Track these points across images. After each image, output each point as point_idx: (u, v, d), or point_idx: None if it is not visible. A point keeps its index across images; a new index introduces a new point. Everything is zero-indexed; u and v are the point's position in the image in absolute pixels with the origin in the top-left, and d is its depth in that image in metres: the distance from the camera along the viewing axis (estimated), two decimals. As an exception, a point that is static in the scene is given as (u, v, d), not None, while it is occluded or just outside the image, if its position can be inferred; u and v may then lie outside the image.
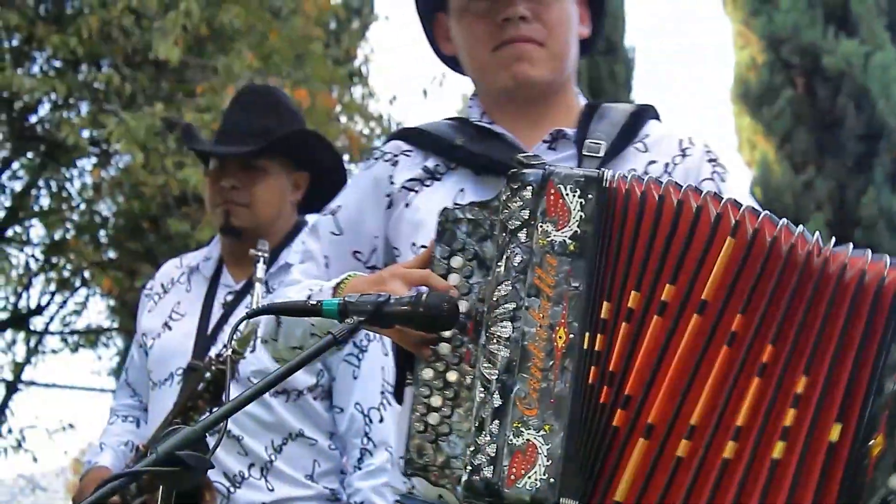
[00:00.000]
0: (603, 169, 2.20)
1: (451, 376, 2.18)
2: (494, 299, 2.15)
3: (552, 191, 2.15)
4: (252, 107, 3.98)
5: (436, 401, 2.19)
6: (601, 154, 2.52)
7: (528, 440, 2.08)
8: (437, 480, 2.19)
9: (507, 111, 2.66)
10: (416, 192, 2.62)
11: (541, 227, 2.14)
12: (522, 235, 2.15)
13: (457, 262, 2.23)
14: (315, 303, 2.19)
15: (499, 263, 2.17)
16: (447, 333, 2.20)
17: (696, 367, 2.06)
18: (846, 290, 2.02)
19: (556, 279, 2.12)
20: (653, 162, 2.57)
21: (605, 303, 2.11)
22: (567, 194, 2.14)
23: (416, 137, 2.70)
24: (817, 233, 2.10)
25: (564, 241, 2.13)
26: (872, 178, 15.96)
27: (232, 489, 3.69)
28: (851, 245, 2.10)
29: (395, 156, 2.70)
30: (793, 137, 16.54)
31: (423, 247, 2.38)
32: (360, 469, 3.77)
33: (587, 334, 2.11)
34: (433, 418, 2.19)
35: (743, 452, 2.04)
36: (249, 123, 3.91)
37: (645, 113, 2.66)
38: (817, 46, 16.47)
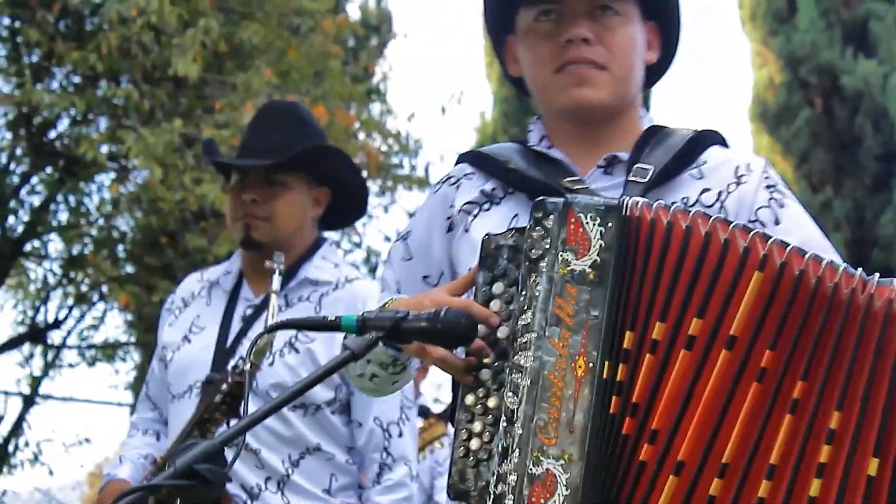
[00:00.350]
0: (624, 197, 2.17)
1: (492, 402, 2.17)
2: (517, 329, 2.15)
3: (573, 220, 2.13)
4: (274, 122, 3.99)
5: (477, 426, 2.18)
6: (646, 180, 2.49)
7: (547, 469, 2.07)
8: None
9: (568, 133, 2.65)
10: (475, 215, 2.62)
11: (561, 255, 2.12)
12: (544, 264, 2.13)
13: (498, 288, 2.21)
14: (334, 318, 2.20)
15: (522, 292, 2.16)
16: (487, 360, 2.20)
17: (727, 404, 2.03)
18: (875, 320, 1.99)
19: (576, 308, 2.10)
20: (706, 190, 2.53)
21: (628, 332, 2.09)
22: (587, 223, 2.12)
23: (478, 160, 2.70)
24: (844, 264, 2.06)
25: (584, 269, 2.11)
26: (890, 199, 15.95)
27: (249, 502, 3.70)
28: (878, 274, 2.05)
29: (458, 179, 2.70)
30: (810, 157, 16.54)
31: None
32: (379, 484, 3.78)
33: (607, 363, 2.09)
34: (474, 443, 2.18)
35: (778, 491, 2.01)
36: (271, 138, 3.91)
37: (706, 138, 2.62)
38: (836, 66, 16.48)
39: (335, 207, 4.06)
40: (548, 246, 2.14)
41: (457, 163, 2.77)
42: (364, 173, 11.84)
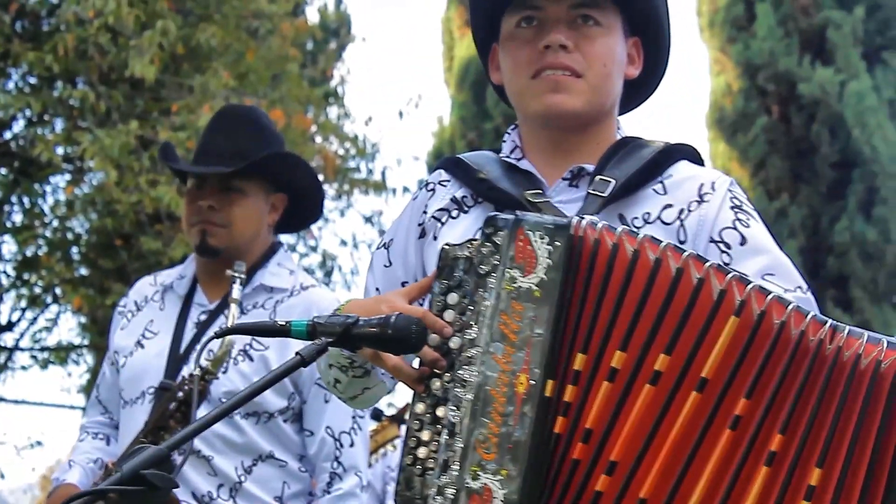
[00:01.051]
0: (575, 217, 2.17)
1: (441, 412, 2.17)
2: (462, 343, 2.15)
3: (521, 237, 2.13)
4: (232, 127, 3.97)
5: (425, 435, 2.18)
6: (606, 193, 2.47)
7: (484, 484, 2.07)
8: None
9: (542, 141, 2.63)
10: (443, 223, 2.61)
11: (508, 272, 2.12)
12: (492, 280, 2.13)
13: (452, 298, 2.20)
14: (284, 323, 2.19)
15: (470, 307, 2.16)
16: (439, 370, 2.19)
17: (696, 446, 2.01)
18: (862, 379, 1.96)
19: (521, 325, 2.10)
20: (668, 206, 2.50)
21: (579, 354, 2.08)
22: (535, 241, 2.12)
23: (454, 167, 2.69)
24: (830, 320, 2.02)
25: (530, 287, 2.10)
26: (846, 206, 16.04)
27: (200, 510, 3.68)
28: (867, 333, 2.01)
29: (434, 185, 2.70)
30: (767, 164, 16.62)
31: None
32: (329, 493, 3.76)
33: (551, 382, 2.08)
34: (422, 452, 2.18)
35: None
36: (229, 144, 3.89)
37: (675, 152, 2.60)
38: (793, 74, 16.57)
39: (291, 212, 4.05)
40: (496, 262, 2.14)
41: (436, 168, 2.77)
42: (321, 177, 11.83)
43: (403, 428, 7.08)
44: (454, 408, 2.12)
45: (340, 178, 13.43)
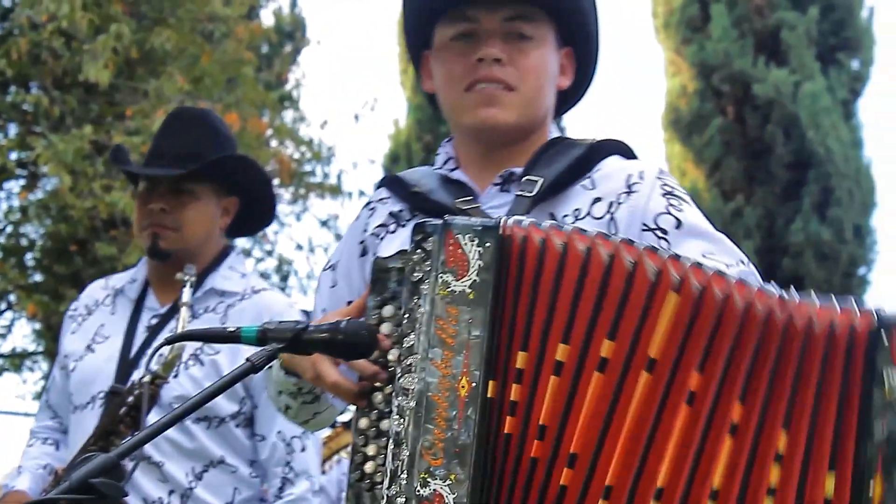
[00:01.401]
0: (502, 216, 2.17)
1: (385, 425, 2.17)
2: (401, 353, 2.15)
3: (451, 241, 2.13)
4: (184, 129, 3.95)
5: (371, 450, 2.18)
6: (533, 193, 2.49)
7: (434, 490, 2.06)
8: None
9: (475, 153, 2.65)
10: (382, 238, 2.64)
11: (441, 277, 2.12)
12: (425, 287, 2.14)
13: (388, 311, 2.21)
14: (234, 329, 2.18)
15: (406, 316, 2.16)
16: (379, 383, 2.19)
17: (655, 426, 2.01)
18: (817, 343, 1.96)
19: (458, 329, 2.10)
20: (598, 200, 2.52)
21: (520, 353, 2.08)
22: (465, 244, 2.12)
23: (391, 184, 2.72)
24: (778, 290, 2.01)
25: (464, 290, 2.11)
26: (800, 207, 16.12)
27: (152, 516, 3.66)
28: (820, 299, 1.99)
29: (375, 204, 2.73)
30: (722, 165, 16.68)
31: None
32: (280, 498, 3.76)
33: (492, 383, 2.08)
34: (369, 467, 2.18)
35: None
36: (181, 146, 3.87)
37: (604, 148, 2.62)
38: (748, 75, 16.64)
39: (244, 215, 4.03)
40: (428, 268, 2.14)
41: (376, 188, 2.79)
42: (276, 181, 11.82)
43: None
44: (398, 417, 2.12)
45: (296, 182, 13.42)
